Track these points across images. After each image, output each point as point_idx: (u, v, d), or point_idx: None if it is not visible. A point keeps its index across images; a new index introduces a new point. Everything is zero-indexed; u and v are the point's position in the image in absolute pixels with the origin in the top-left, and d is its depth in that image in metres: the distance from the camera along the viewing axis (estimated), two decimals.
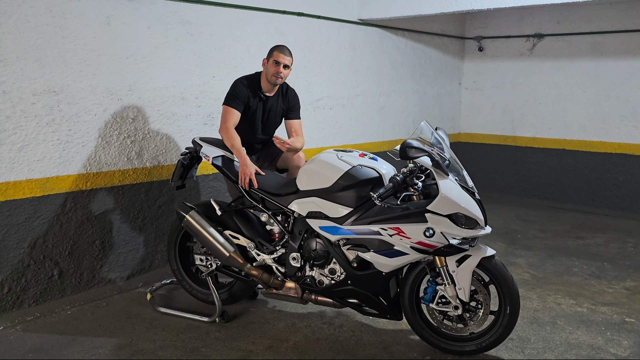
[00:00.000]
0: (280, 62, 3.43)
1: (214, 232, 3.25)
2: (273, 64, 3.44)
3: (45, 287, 3.51)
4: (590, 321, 3.41)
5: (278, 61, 3.43)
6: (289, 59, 3.47)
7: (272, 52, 3.48)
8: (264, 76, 3.52)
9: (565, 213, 6.20)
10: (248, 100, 3.49)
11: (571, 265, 4.43)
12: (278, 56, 3.43)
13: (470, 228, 2.71)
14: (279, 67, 3.43)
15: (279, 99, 3.64)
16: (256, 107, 3.55)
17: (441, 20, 6.59)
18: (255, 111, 3.56)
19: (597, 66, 6.13)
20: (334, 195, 2.95)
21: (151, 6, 3.80)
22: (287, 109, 3.68)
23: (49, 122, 3.39)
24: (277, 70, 3.43)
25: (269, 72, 3.46)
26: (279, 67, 3.43)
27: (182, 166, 3.48)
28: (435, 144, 2.90)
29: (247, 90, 3.49)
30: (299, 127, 3.70)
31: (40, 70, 3.32)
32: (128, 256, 3.92)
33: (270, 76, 3.46)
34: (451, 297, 2.85)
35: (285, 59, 3.44)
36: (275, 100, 3.62)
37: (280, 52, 3.45)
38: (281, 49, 3.48)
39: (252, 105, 3.53)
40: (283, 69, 3.44)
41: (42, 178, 3.41)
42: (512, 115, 6.84)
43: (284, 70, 3.45)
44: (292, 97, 3.69)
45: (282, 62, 3.43)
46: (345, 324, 3.32)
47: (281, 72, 3.44)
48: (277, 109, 3.65)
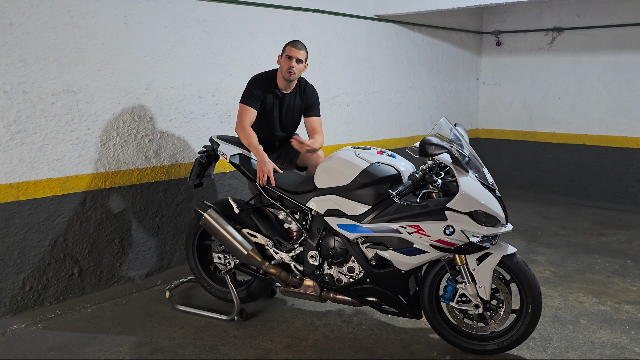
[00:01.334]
0: (293, 56, 3.38)
1: (232, 231, 3.25)
2: (286, 59, 3.40)
3: (66, 285, 3.54)
4: (614, 320, 3.34)
5: (290, 55, 3.39)
6: (302, 53, 3.41)
7: (285, 47, 3.45)
8: (280, 73, 3.49)
9: (587, 210, 6.09)
10: (264, 98, 3.47)
11: (593, 263, 4.35)
12: (290, 50, 3.39)
13: (490, 226, 2.67)
14: (291, 61, 3.38)
15: (297, 96, 3.59)
16: (272, 104, 3.53)
17: (458, 15, 6.51)
18: (272, 109, 3.54)
19: (618, 60, 6.01)
20: (352, 193, 2.93)
21: (168, 5, 3.81)
22: (305, 106, 3.63)
23: (68, 122, 3.42)
24: (289, 64, 3.38)
25: (283, 67, 3.42)
26: (292, 62, 3.38)
27: (199, 164, 3.48)
28: (454, 141, 2.86)
29: (263, 87, 3.46)
30: (319, 125, 3.64)
31: (59, 70, 3.34)
32: (147, 254, 3.94)
33: (284, 72, 3.42)
34: (472, 296, 2.81)
35: (297, 52, 3.38)
36: (293, 97, 3.58)
37: (292, 47, 3.41)
38: (293, 43, 3.44)
39: (269, 102, 3.50)
40: (296, 63, 3.39)
41: (62, 177, 3.44)
42: (531, 111, 6.74)
43: (297, 64, 3.39)
44: (310, 93, 3.63)
45: (295, 57, 3.38)
46: (364, 323, 3.30)
47: (294, 67, 3.38)
48: (295, 106, 3.61)
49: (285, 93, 3.54)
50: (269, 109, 3.53)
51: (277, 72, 3.52)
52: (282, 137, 3.71)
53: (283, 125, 3.65)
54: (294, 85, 3.56)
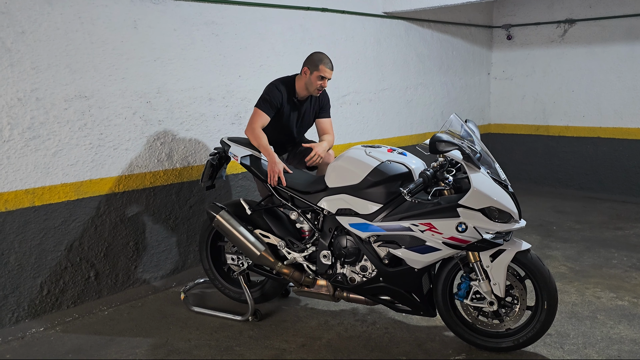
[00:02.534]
0: (326, 77, 3.43)
1: (245, 232, 3.26)
2: (318, 78, 3.43)
3: (83, 288, 3.59)
4: (633, 315, 3.30)
5: (323, 76, 3.43)
6: (331, 72, 3.46)
7: (318, 65, 3.41)
8: (302, 82, 3.51)
9: (602, 203, 6.02)
10: (281, 105, 3.51)
11: (610, 257, 4.30)
12: (324, 71, 3.41)
13: (503, 222, 2.65)
14: (324, 81, 3.44)
15: (312, 101, 3.67)
16: (290, 112, 3.57)
17: (468, 10, 6.46)
18: (289, 116, 3.59)
19: (632, 50, 5.92)
20: (363, 191, 2.92)
21: (176, 8, 3.83)
22: (319, 108, 3.71)
23: (81, 127, 3.45)
24: (322, 84, 3.45)
25: (313, 85, 3.45)
26: (324, 82, 3.45)
27: (211, 166, 3.50)
28: (465, 137, 2.84)
29: (281, 94, 3.49)
30: (330, 126, 3.74)
31: (71, 76, 3.38)
32: (161, 257, 3.97)
33: (314, 89, 3.47)
34: (486, 293, 2.80)
35: (330, 73, 3.45)
36: (309, 103, 3.66)
37: (325, 67, 3.41)
38: (326, 62, 3.43)
39: (286, 110, 3.54)
40: (326, 82, 3.47)
41: (76, 182, 3.48)
42: (544, 104, 6.67)
43: (326, 83, 3.47)
44: (323, 96, 3.71)
45: (328, 77, 3.44)
46: (378, 321, 3.30)
47: (323, 86, 3.47)
48: (311, 111, 3.69)
49: (302, 100, 3.61)
50: (286, 116, 3.57)
51: (297, 80, 3.54)
52: (296, 140, 3.77)
53: (299, 131, 3.73)
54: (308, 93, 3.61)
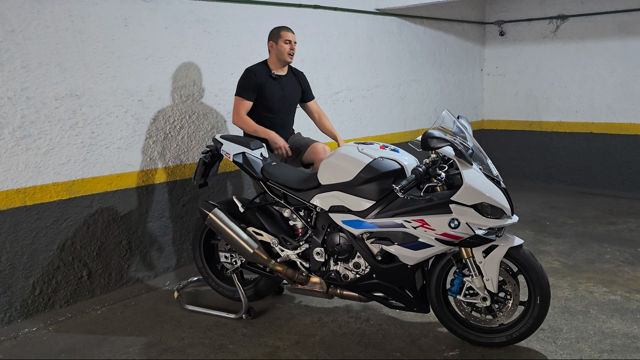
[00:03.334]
0: (291, 39, 3.68)
1: (238, 229, 3.25)
2: (285, 43, 3.67)
3: (75, 288, 3.57)
4: (625, 309, 3.31)
5: (289, 39, 3.67)
6: (295, 36, 3.72)
7: (279, 32, 3.69)
8: (273, 58, 3.73)
9: (595, 198, 6.05)
10: (260, 85, 3.65)
11: (603, 252, 4.32)
12: (287, 34, 3.68)
13: (496, 218, 2.66)
14: (291, 44, 3.68)
15: (293, 79, 3.83)
16: (271, 87, 3.69)
17: (460, 6, 6.46)
18: (272, 92, 3.70)
19: (624, 46, 5.94)
20: (356, 188, 2.92)
21: (167, 6, 3.81)
22: (303, 89, 3.87)
23: (72, 126, 3.43)
24: (290, 47, 3.68)
25: (283, 52, 3.68)
26: (292, 45, 3.68)
27: (203, 164, 3.49)
28: (457, 133, 2.84)
29: (257, 75, 3.66)
30: (318, 106, 4.00)
31: (62, 74, 3.36)
32: (154, 255, 3.96)
33: (286, 55, 3.68)
34: (479, 289, 2.80)
35: (293, 36, 3.70)
36: (290, 80, 3.81)
37: (287, 31, 3.69)
38: (286, 27, 3.72)
39: (267, 87, 3.67)
40: (294, 44, 3.70)
41: (68, 181, 3.46)
42: (537, 100, 6.69)
43: (294, 46, 3.70)
44: (302, 75, 3.93)
45: (293, 39, 3.69)
46: (372, 318, 3.30)
47: (294, 49, 3.70)
48: (294, 85, 3.83)
49: (281, 75, 3.76)
50: (269, 92, 3.69)
51: (269, 60, 3.76)
52: (285, 121, 3.83)
53: (287, 109, 3.79)
54: (287, 70, 3.81)
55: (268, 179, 3.27)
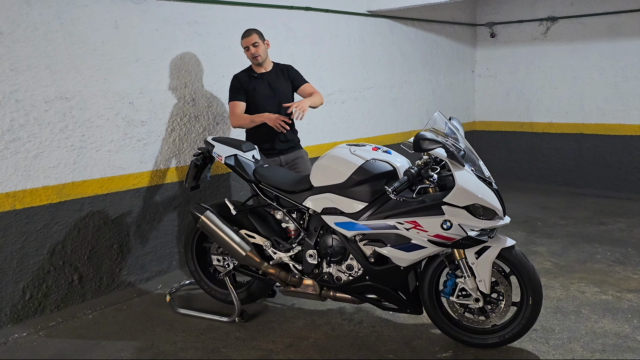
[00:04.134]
0: (248, 44, 3.69)
1: (230, 232, 3.24)
2: (245, 51, 3.74)
3: (66, 292, 3.54)
4: (616, 309, 3.33)
5: (247, 46, 3.70)
6: (252, 37, 3.68)
7: (241, 43, 3.75)
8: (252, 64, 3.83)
9: (586, 199, 6.08)
10: (246, 86, 3.73)
11: (594, 252, 4.34)
12: (244, 42, 3.71)
13: (488, 219, 2.66)
14: (249, 49, 3.70)
15: (279, 74, 3.84)
16: (255, 85, 3.74)
17: (451, 8, 6.49)
18: (256, 89, 3.74)
19: (613, 47, 5.99)
20: (348, 190, 2.92)
21: (158, 8, 3.80)
22: (291, 80, 3.87)
23: (62, 129, 3.41)
24: (250, 53, 3.71)
25: (249, 58, 3.76)
26: (250, 49, 3.69)
27: (195, 167, 3.48)
28: (449, 135, 2.85)
29: (241, 78, 3.75)
30: (311, 88, 3.91)
31: (51, 77, 3.33)
32: (146, 259, 3.94)
33: (252, 60, 3.74)
34: (471, 290, 2.81)
35: (249, 40, 3.68)
36: (275, 75, 3.82)
37: (243, 39, 3.71)
38: (243, 35, 3.72)
39: (250, 86, 3.74)
40: (253, 47, 3.68)
41: (58, 184, 3.43)
42: (528, 102, 6.72)
43: (255, 48, 3.68)
44: (290, 69, 3.91)
45: (250, 44, 3.68)
46: (365, 320, 3.30)
47: (254, 52, 3.69)
48: (281, 80, 3.82)
49: (264, 72, 3.79)
50: (258, 91, 3.74)
51: (251, 65, 3.84)
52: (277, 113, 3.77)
53: (276, 99, 3.77)
54: (270, 66, 3.83)
55: (260, 181, 3.26)
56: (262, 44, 3.72)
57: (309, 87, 3.91)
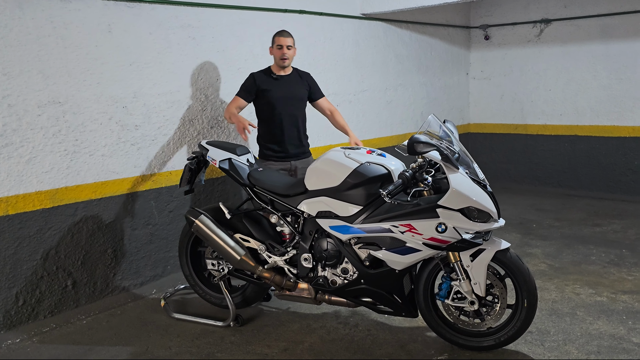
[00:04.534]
0: (283, 44, 3.75)
1: (225, 236, 3.23)
2: (277, 49, 3.78)
3: (60, 297, 3.51)
4: (611, 310, 3.34)
5: (281, 44, 3.76)
6: (289, 40, 3.77)
7: (273, 38, 3.81)
8: (274, 62, 3.86)
9: (581, 200, 6.10)
10: (259, 86, 3.79)
11: (589, 254, 4.35)
12: (279, 40, 3.77)
13: (483, 221, 2.66)
14: (282, 49, 3.76)
15: (298, 79, 3.92)
16: (272, 86, 3.80)
17: (445, 11, 6.50)
18: (274, 90, 3.80)
19: (607, 49, 6.02)
20: (343, 193, 2.91)
21: (152, 12, 3.79)
22: (309, 87, 3.95)
23: (55, 133, 3.39)
24: (281, 52, 3.76)
25: (276, 56, 3.80)
26: (283, 50, 3.75)
27: (189, 171, 3.47)
28: (443, 137, 2.85)
29: (255, 77, 3.81)
30: (328, 102, 4.08)
31: (44, 81, 3.31)
32: (140, 263, 3.92)
33: (278, 60, 3.79)
34: (467, 293, 2.80)
35: (285, 40, 3.76)
36: (294, 78, 3.90)
37: (279, 36, 3.78)
38: (280, 32, 3.80)
39: (267, 87, 3.79)
40: (287, 50, 3.76)
41: (52, 189, 3.41)
42: (522, 104, 6.74)
43: (288, 51, 3.77)
44: (308, 76, 4.00)
45: (285, 44, 3.75)
46: (360, 323, 3.29)
47: (286, 54, 3.76)
48: (297, 84, 3.90)
49: (283, 75, 3.86)
50: (272, 91, 3.79)
51: (272, 64, 3.89)
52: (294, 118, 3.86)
53: (290, 103, 3.83)
54: (290, 71, 3.90)
55: (255, 185, 3.25)
56: (293, 49, 3.82)
57: (325, 101, 4.06)
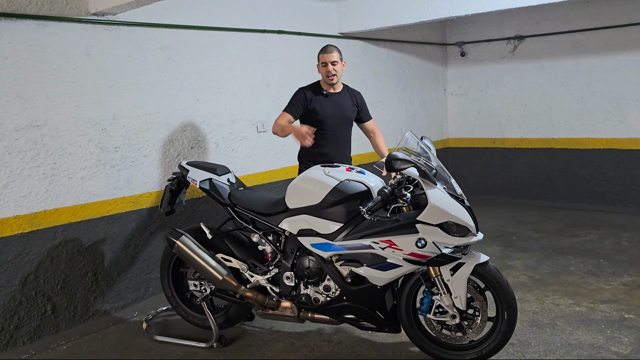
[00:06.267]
0: (327, 61, 3.69)
1: (206, 256, 3.22)
2: (322, 67, 3.73)
3: (39, 323, 3.46)
4: (590, 320, 3.39)
5: (325, 62, 3.70)
6: (334, 55, 3.69)
7: (318, 56, 3.76)
8: (322, 80, 3.81)
9: (559, 212, 6.21)
10: (309, 101, 3.73)
11: (567, 264, 4.42)
12: (323, 57, 3.71)
13: (461, 236, 2.70)
14: (327, 67, 3.69)
15: (348, 96, 3.86)
16: (322, 104, 3.75)
17: (422, 29, 6.63)
18: (324, 107, 3.75)
19: (579, 64, 6.19)
20: (323, 211, 2.94)
21: (130, 34, 3.81)
22: (358, 107, 3.91)
23: (34, 157, 3.37)
24: (327, 70, 3.70)
25: (322, 74, 3.76)
26: (328, 67, 3.69)
27: (170, 192, 3.46)
28: (421, 154, 2.90)
29: (305, 94, 3.75)
30: (374, 125, 4.06)
31: (22, 105, 3.30)
32: (122, 286, 3.88)
33: (325, 78, 3.74)
34: (448, 307, 2.83)
35: (330, 56, 3.68)
36: (344, 97, 3.85)
37: (323, 53, 3.71)
38: (324, 49, 3.73)
39: (316, 104, 3.74)
40: (332, 66, 3.68)
41: (30, 213, 3.37)
42: (499, 118, 6.87)
43: (333, 67, 3.69)
44: (359, 95, 3.96)
45: (329, 61, 3.68)
46: (344, 340, 3.29)
47: (331, 70, 3.69)
48: (348, 104, 3.85)
49: (333, 92, 3.81)
50: (321, 108, 3.74)
51: (321, 80, 3.84)
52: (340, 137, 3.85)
53: (339, 121, 3.80)
54: (340, 88, 3.85)
55: (235, 205, 3.26)
56: (340, 64, 3.73)
57: (372, 124, 4.03)
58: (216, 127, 4.40)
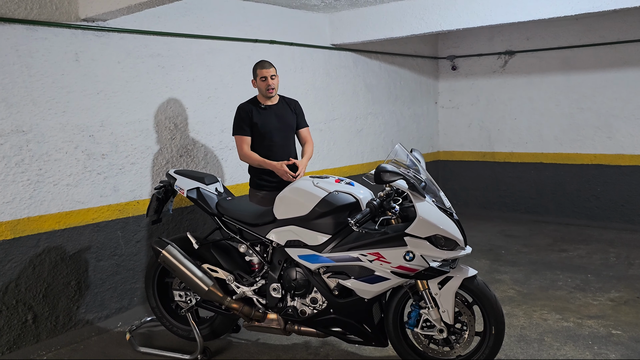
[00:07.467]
0: (267, 75, 3.70)
1: (192, 267, 3.17)
2: (261, 81, 3.72)
3: (19, 333, 3.38)
4: (577, 335, 3.38)
5: (264, 76, 3.70)
6: (272, 69, 3.73)
7: (255, 70, 3.76)
8: (259, 94, 3.81)
9: (548, 226, 6.22)
10: (251, 117, 3.73)
11: (556, 279, 4.42)
12: (262, 72, 3.71)
13: (450, 249, 2.68)
14: (267, 81, 3.70)
15: (286, 107, 3.88)
16: (263, 118, 3.76)
17: (414, 42, 6.67)
18: (266, 122, 3.76)
19: (568, 80, 6.24)
20: (311, 222, 2.91)
21: (120, 41, 3.78)
22: (296, 114, 3.92)
23: (18, 163, 3.31)
24: (267, 84, 3.71)
25: (261, 88, 3.74)
26: (268, 81, 3.70)
27: (157, 200, 3.42)
28: (411, 166, 2.89)
29: (246, 110, 3.75)
30: (308, 134, 4.02)
31: (7, 110, 3.25)
32: (106, 295, 3.81)
33: (265, 91, 3.73)
34: (435, 321, 2.81)
35: (269, 71, 3.71)
36: (283, 107, 3.86)
37: (262, 68, 3.72)
38: (261, 64, 3.74)
39: (257, 118, 3.74)
40: (271, 80, 3.71)
41: (13, 220, 3.31)
42: (489, 132, 6.90)
43: (272, 81, 3.72)
44: (296, 104, 3.97)
45: (269, 75, 3.70)
46: (331, 354, 3.25)
47: (271, 84, 3.71)
48: (286, 112, 3.87)
49: (271, 105, 3.81)
50: (262, 123, 3.75)
51: (257, 94, 3.83)
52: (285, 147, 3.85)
53: (281, 132, 3.82)
54: (277, 100, 3.86)
55: (223, 214, 3.22)
56: (277, 77, 3.78)
57: (306, 132, 4.00)
58: (206, 135, 4.37)
